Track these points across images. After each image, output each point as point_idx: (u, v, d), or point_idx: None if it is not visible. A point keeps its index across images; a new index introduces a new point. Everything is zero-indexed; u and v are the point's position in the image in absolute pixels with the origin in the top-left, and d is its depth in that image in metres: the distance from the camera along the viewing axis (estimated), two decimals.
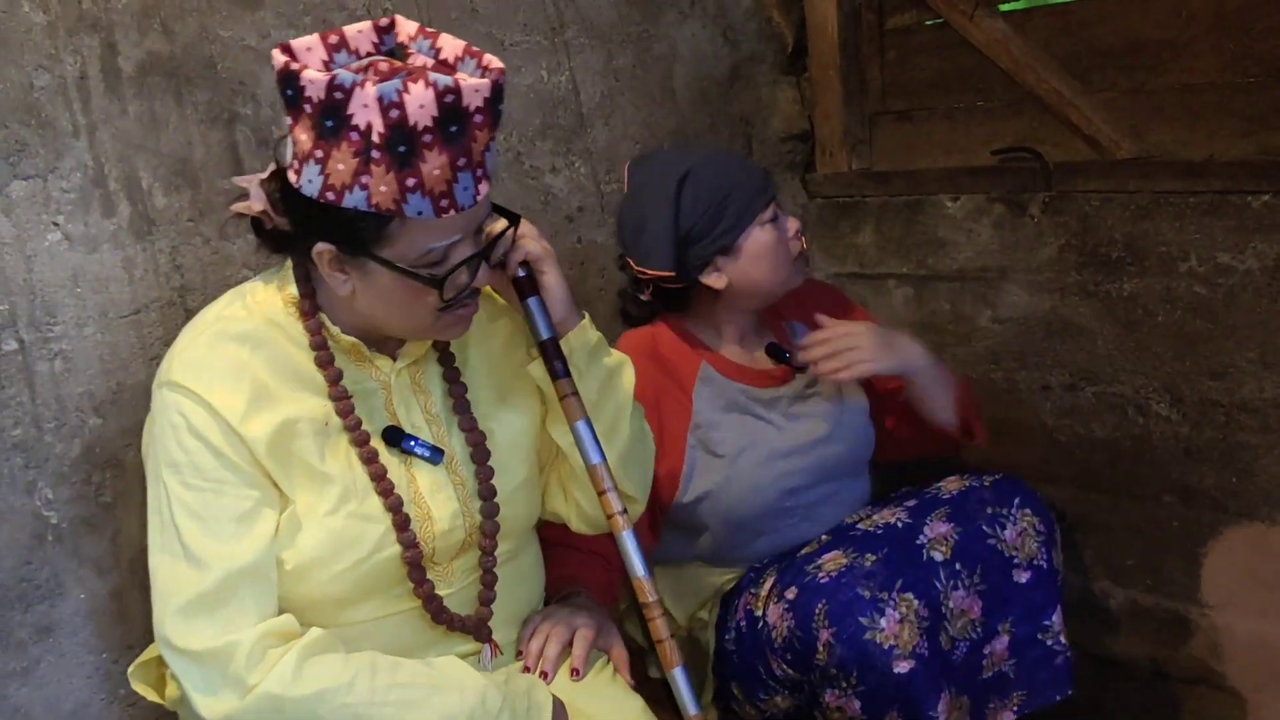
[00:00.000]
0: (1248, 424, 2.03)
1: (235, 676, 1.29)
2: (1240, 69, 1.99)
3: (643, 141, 2.30)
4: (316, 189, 1.27)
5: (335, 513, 1.39)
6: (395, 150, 1.23)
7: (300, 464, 1.38)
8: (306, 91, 1.23)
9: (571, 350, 1.51)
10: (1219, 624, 2.14)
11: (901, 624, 1.66)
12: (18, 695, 1.62)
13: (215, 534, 1.32)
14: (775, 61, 2.54)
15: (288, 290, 1.43)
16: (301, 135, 1.27)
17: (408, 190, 1.25)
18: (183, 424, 1.34)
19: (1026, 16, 2.27)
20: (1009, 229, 2.28)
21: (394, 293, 1.35)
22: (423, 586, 1.45)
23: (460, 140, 1.26)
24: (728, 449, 1.89)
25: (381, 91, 1.21)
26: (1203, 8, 2.02)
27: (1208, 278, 2.02)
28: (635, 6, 2.27)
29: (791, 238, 1.91)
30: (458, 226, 1.32)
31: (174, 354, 1.39)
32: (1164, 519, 2.18)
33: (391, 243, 1.30)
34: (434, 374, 1.52)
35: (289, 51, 1.27)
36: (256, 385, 1.36)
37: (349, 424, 1.41)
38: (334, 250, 1.33)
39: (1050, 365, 2.27)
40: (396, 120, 1.22)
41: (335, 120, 1.23)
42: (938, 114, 2.43)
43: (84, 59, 1.61)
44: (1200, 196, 2.01)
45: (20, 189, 1.56)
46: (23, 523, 1.60)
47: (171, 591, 1.32)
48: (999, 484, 1.85)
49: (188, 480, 1.33)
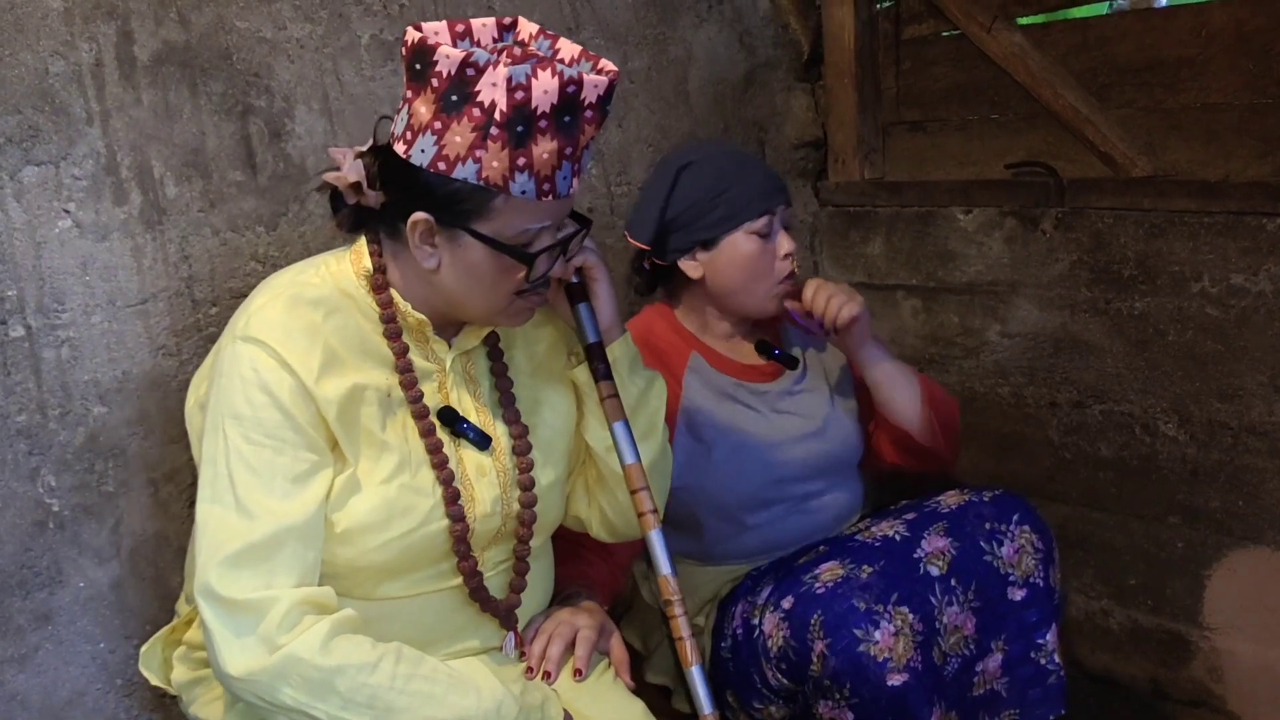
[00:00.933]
0: (1256, 447, 2.02)
1: (266, 633, 1.29)
2: (1259, 90, 1.98)
3: (655, 144, 2.30)
4: (428, 159, 1.32)
5: (390, 481, 1.41)
6: (513, 129, 1.28)
7: (365, 430, 1.41)
8: (438, 66, 1.29)
9: (615, 359, 1.56)
10: (1221, 647, 2.14)
11: (896, 637, 1.65)
12: (15, 682, 1.61)
13: (269, 489, 1.34)
14: (790, 68, 2.54)
15: (362, 264, 1.45)
16: (421, 108, 1.32)
17: (517, 169, 1.31)
18: (254, 378, 1.35)
19: (1044, 31, 2.26)
20: (1021, 244, 2.27)
21: (482, 268, 1.38)
22: (466, 561, 1.47)
23: (571, 131, 1.32)
24: (713, 435, 1.90)
25: (512, 73, 1.27)
26: (1223, 27, 2.01)
27: (1220, 299, 2.01)
28: (652, 9, 2.26)
29: (780, 257, 1.88)
30: (550, 212, 1.38)
31: (250, 311, 1.40)
32: (1168, 540, 2.17)
33: (490, 218, 1.35)
34: (483, 366, 1.55)
35: (421, 29, 1.32)
36: (328, 350, 1.39)
37: (411, 397, 1.44)
38: (430, 221, 1.36)
39: (1058, 382, 2.26)
40: (520, 101, 1.27)
41: (461, 95, 1.29)
42: (952, 126, 2.42)
43: (99, 46, 1.60)
44: (1215, 217, 2.00)
45: (32, 175, 1.56)
46: (25, 509, 1.60)
47: (220, 540, 1.32)
48: (999, 500, 1.84)
49: (249, 434, 1.34)
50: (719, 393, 1.93)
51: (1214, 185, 2.01)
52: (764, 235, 1.86)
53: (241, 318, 1.40)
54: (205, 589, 1.32)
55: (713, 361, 1.95)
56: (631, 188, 2.27)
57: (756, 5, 2.46)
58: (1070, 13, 2.32)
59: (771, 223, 1.87)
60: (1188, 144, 2.08)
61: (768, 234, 1.86)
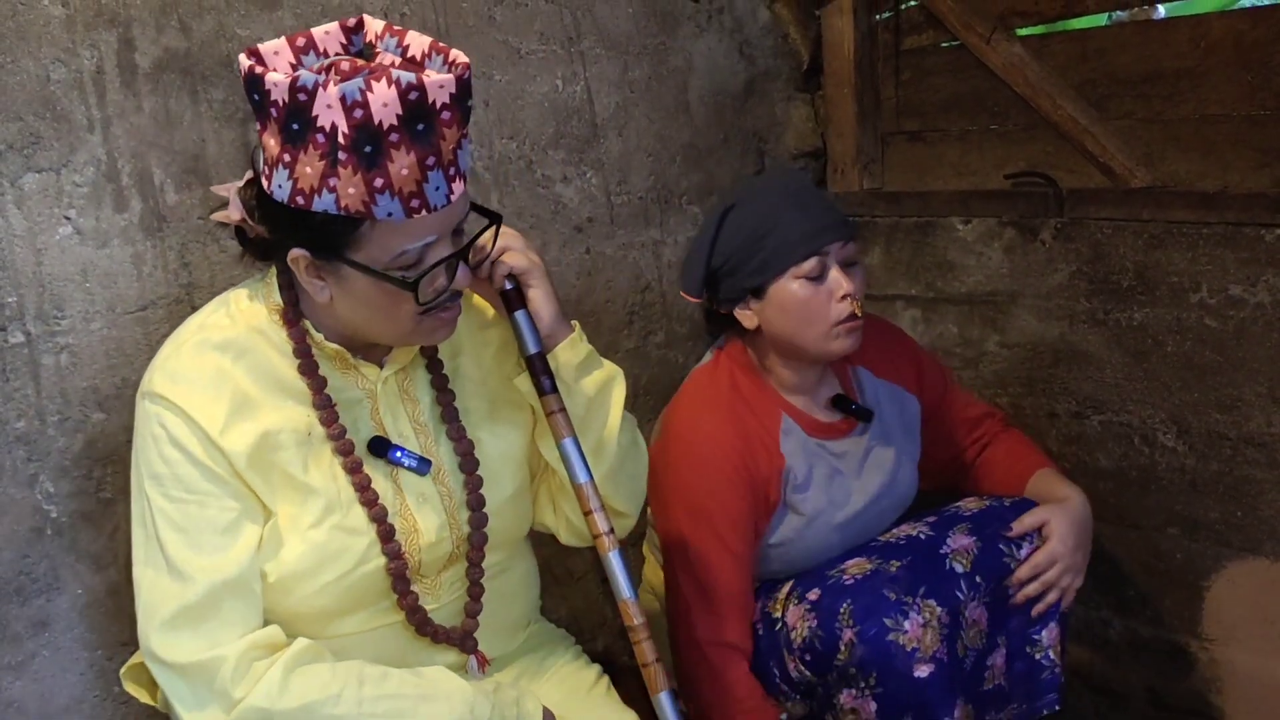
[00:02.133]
0: (1254, 458, 2.02)
1: (221, 690, 1.28)
2: (1258, 101, 1.98)
3: (655, 153, 2.30)
4: (286, 194, 1.25)
5: (319, 525, 1.37)
6: (361, 151, 1.20)
7: (282, 476, 1.37)
8: (271, 95, 1.21)
9: (559, 365, 1.46)
10: (1219, 658, 2.13)
11: (924, 628, 1.67)
12: (11, 689, 1.61)
13: (198, 546, 1.31)
14: (790, 78, 2.54)
15: (272, 298, 1.40)
16: (270, 140, 1.25)
17: (376, 192, 1.22)
18: (164, 435, 1.32)
19: (1044, 42, 2.27)
20: (1020, 254, 2.27)
21: (371, 297, 1.32)
22: (406, 599, 1.43)
23: (428, 138, 1.23)
24: (809, 508, 1.85)
25: (344, 91, 1.18)
26: (1222, 38, 2.01)
27: (1219, 310, 2.02)
28: (652, 19, 2.27)
29: (838, 299, 1.77)
30: (431, 227, 1.29)
31: (155, 364, 1.37)
32: (1167, 551, 2.17)
33: (363, 246, 1.28)
34: (422, 382, 1.49)
35: (255, 55, 1.25)
36: (238, 395, 1.34)
37: (332, 434, 1.39)
38: (309, 256, 1.30)
39: (1057, 392, 2.26)
40: (361, 120, 1.19)
41: (300, 123, 1.21)
42: (951, 136, 2.43)
43: (101, 53, 1.61)
44: (1213, 228, 2.00)
45: (33, 181, 1.56)
46: (22, 515, 1.59)
47: (156, 604, 1.31)
48: (1019, 504, 1.86)
49: (170, 492, 1.32)
50: (809, 455, 1.87)
51: (1212, 196, 2.01)
52: (814, 278, 1.76)
53: (149, 373, 1.37)
54: (150, 655, 1.31)
55: (802, 424, 1.88)
56: (631, 197, 2.27)
57: (756, 15, 2.46)
58: (1069, 24, 2.33)
59: (822, 264, 1.76)
60: (1186, 155, 2.08)
61: (818, 276, 1.77)
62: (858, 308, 1.78)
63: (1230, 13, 2.30)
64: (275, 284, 1.40)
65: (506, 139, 2.07)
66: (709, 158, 2.40)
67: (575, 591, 2.25)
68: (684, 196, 2.36)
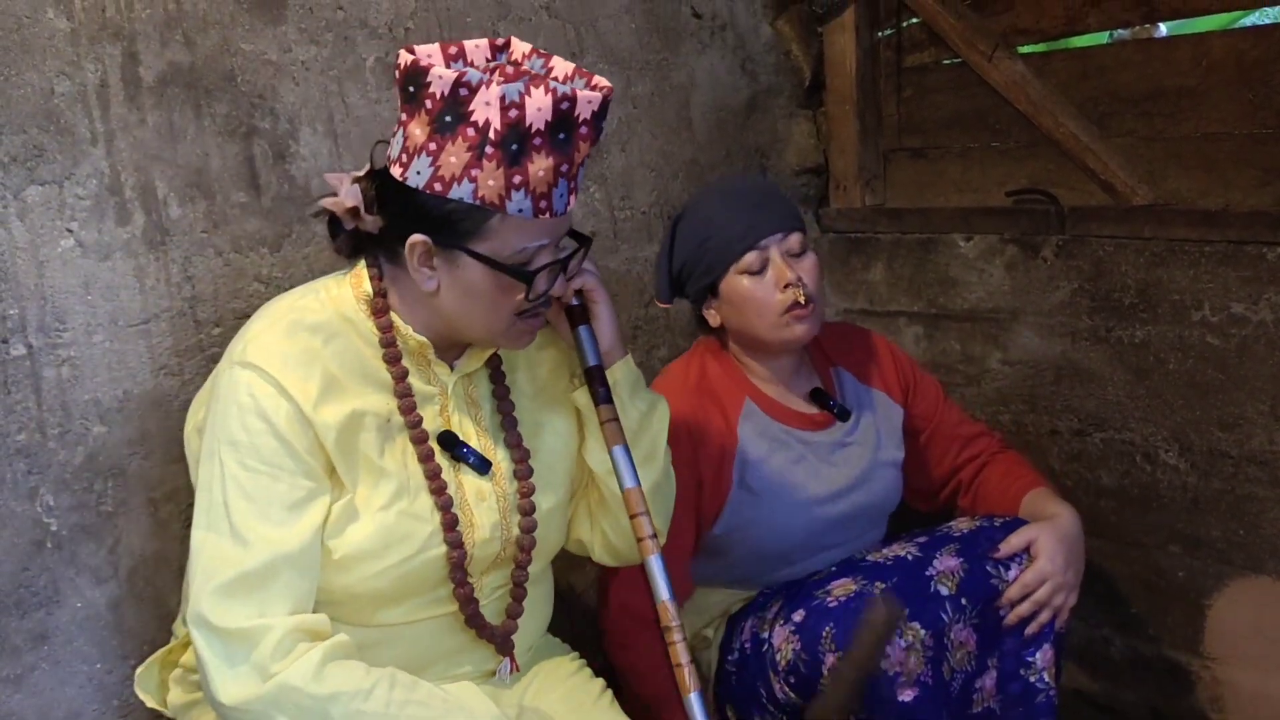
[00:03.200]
0: (1256, 476, 2.02)
1: (259, 661, 1.28)
2: (1259, 120, 1.99)
3: (658, 169, 2.31)
4: (424, 180, 1.32)
5: (388, 508, 1.40)
6: (508, 148, 1.29)
7: (362, 456, 1.40)
8: (431, 87, 1.29)
9: (616, 381, 1.54)
10: (1221, 676, 2.13)
11: (908, 652, 1.66)
12: (11, 702, 1.60)
13: (265, 517, 1.33)
14: (792, 94, 2.55)
15: (362, 288, 1.45)
16: (415, 129, 1.32)
17: (513, 187, 1.31)
18: (251, 404, 1.34)
19: (1045, 60, 2.28)
20: (1021, 271, 2.27)
21: (481, 289, 1.38)
22: (463, 588, 1.46)
23: (566, 148, 1.32)
24: (762, 486, 1.89)
25: (505, 91, 1.27)
26: (1223, 57, 2.02)
27: (1221, 328, 2.02)
28: (655, 35, 2.27)
29: (781, 289, 1.82)
30: (547, 231, 1.37)
31: (249, 336, 1.40)
32: (1169, 569, 2.16)
33: (488, 238, 1.34)
34: (485, 389, 1.54)
35: (413, 52, 1.33)
36: (327, 376, 1.38)
37: (410, 422, 1.44)
38: (428, 243, 1.35)
39: (1059, 410, 2.26)
40: (514, 119, 1.27)
41: (455, 115, 1.29)
42: (953, 153, 2.43)
43: (105, 67, 1.61)
44: (1215, 246, 2.01)
45: (36, 194, 1.56)
46: (23, 529, 1.59)
47: (214, 568, 1.32)
48: (1009, 525, 1.84)
49: (245, 461, 1.34)
50: (771, 440, 1.92)
51: (1214, 214, 2.01)
52: (756, 271, 1.83)
53: (239, 343, 1.40)
54: (198, 617, 1.31)
55: (765, 407, 1.93)
56: (634, 211, 2.27)
57: (759, 32, 2.47)
58: (1071, 42, 2.33)
59: (762, 257, 1.83)
60: (1188, 173, 2.08)
61: (760, 269, 1.83)
62: (800, 295, 1.82)
63: (1231, 32, 2.31)
64: (365, 275, 1.45)
65: None
66: (711, 173, 2.40)
67: (577, 607, 2.24)
68: None
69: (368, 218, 1.41)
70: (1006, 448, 2.08)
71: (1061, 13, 2.20)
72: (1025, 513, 1.91)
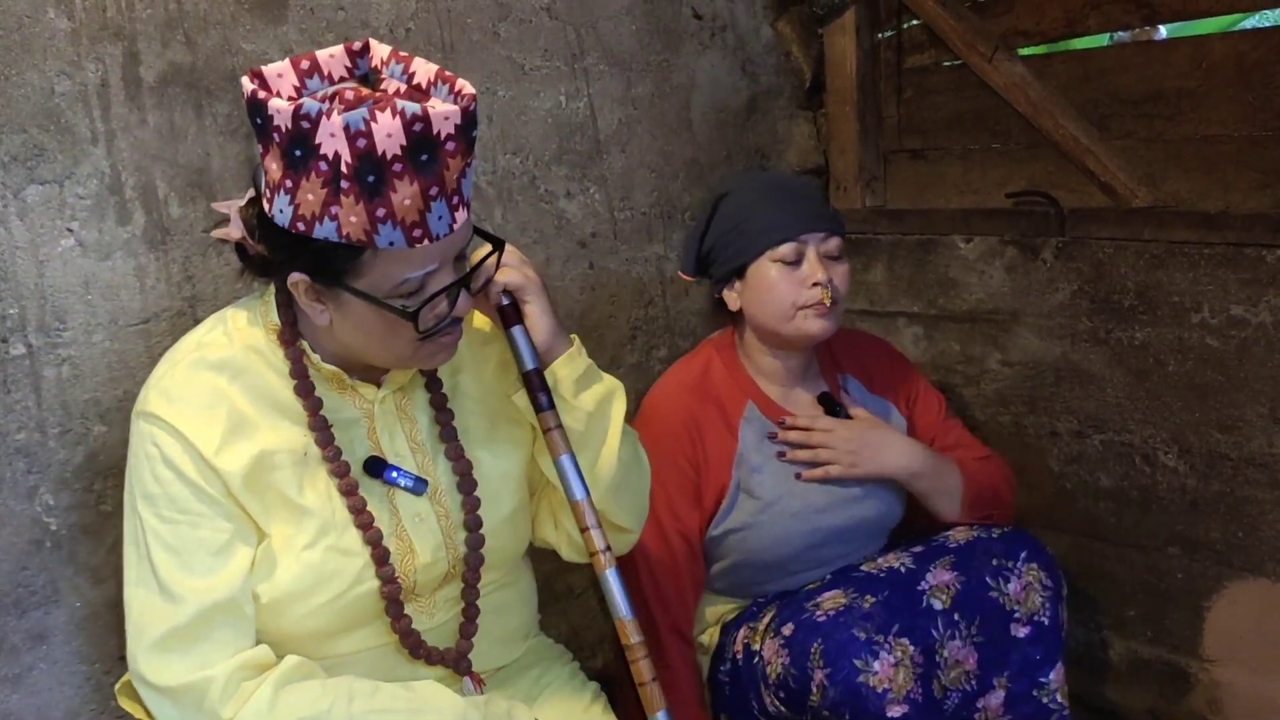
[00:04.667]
0: (1255, 479, 2.02)
1: (210, 711, 1.27)
2: (1259, 122, 1.99)
3: (658, 170, 2.31)
4: (288, 219, 1.25)
5: (313, 546, 1.36)
6: (364, 180, 1.19)
7: (277, 496, 1.36)
8: (274, 120, 1.20)
9: (557, 380, 1.45)
10: (1220, 679, 2.13)
11: (896, 668, 1.65)
12: (8, 702, 1.60)
13: (190, 567, 1.30)
14: (793, 95, 2.55)
15: (270, 318, 1.40)
16: (272, 164, 1.24)
17: (378, 221, 1.22)
18: (157, 455, 1.32)
19: (1046, 61, 2.28)
20: (1021, 272, 2.27)
21: (371, 323, 1.32)
22: (400, 622, 1.42)
23: (432, 169, 1.22)
24: (765, 493, 1.88)
25: (348, 120, 1.17)
26: (1223, 59, 2.02)
27: (1220, 330, 2.02)
28: (656, 36, 2.27)
29: (809, 286, 1.83)
30: (433, 255, 1.28)
31: (151, 383, 1.37)
32: (1168, 571, 2.16)
33: (365, 273, 1.27)
34: (421, 401, 1.48)
35: (259, 78, 1.24)
36: (234, 415, 1.34)
37: (328, 455, 1.38)
38: (308, 280, 1.30)
39: (1059, 411, 2.26)
40: (364, 150, 1.18)
41: (303, 150, 1.20)
42: (953, 154, 2.43)
43: (106, 67, 1.61)
44: (1215, 248, 2.01)
45: (36, 194, 1.56)
46: (22, 528, 1.59)
47: (145, 626, 1.30)
48: (1008, 536, 1.83)
49: (162, 512, 1.31)
50: (773, 445, 1.91)
51: (1214, 216, 2.01)
52: (791, 263, 1.83)
53: (144, 391, 1.37)
54: (139, 678, 1.30)
55: (767, 411, 1.93)
56: (634, 212, 2.27)
57: (759, 33, 2.47)
58: (1071, 44, 2.33)
59: (799, 250, 1.83)
60: (1188, 175, 2.08)
61: (795, 261, 1.83)
62: (827, 298, 1.83)
63: (1231, 34, 2.31)
64: (273, 303, 1.40)
65: (510, 154, 2.07)
66: (711, 174, 2.40)
67: (575, 607, 2.24)
68: (687, 212, 2.36)
69: (256, 246, 1.36)
70: (1006, 467, 2.05)
71: (1061, 15, 2.20)
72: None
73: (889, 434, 1.93)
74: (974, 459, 2.00)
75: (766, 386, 1.94)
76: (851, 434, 1.89)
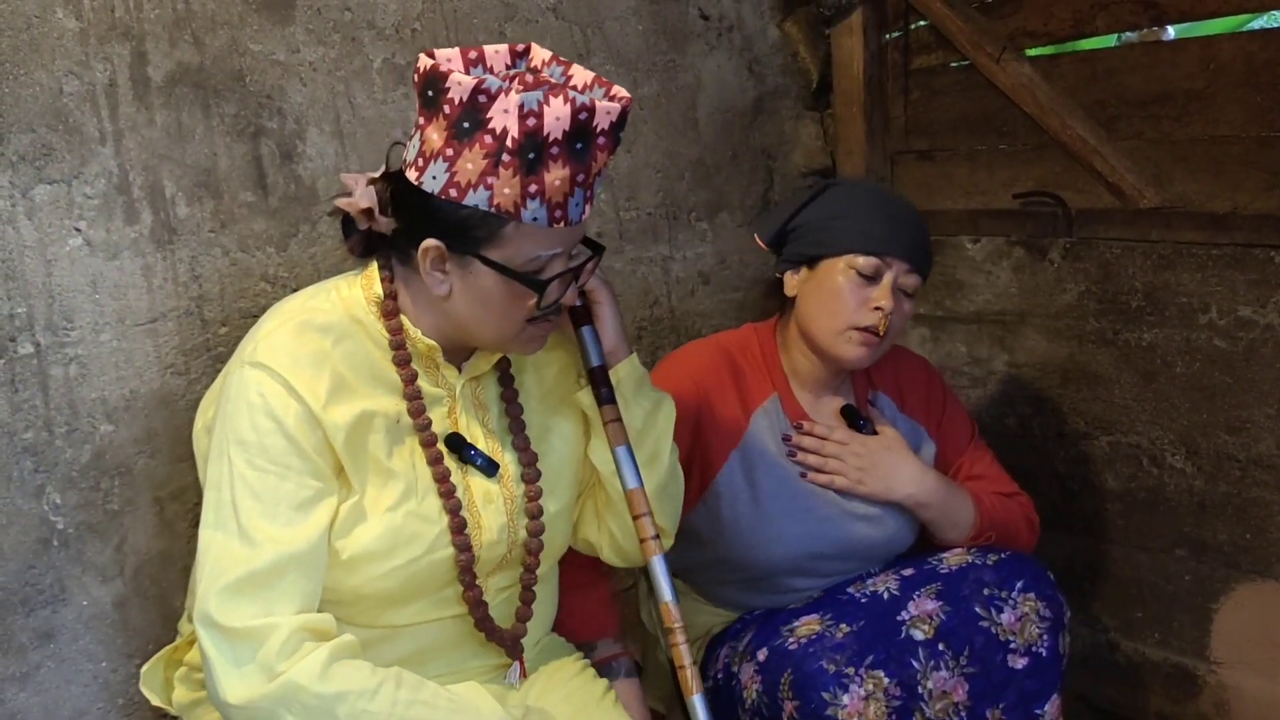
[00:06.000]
0: (1263, 480, 2.01)
1: (265, 660, 1.28)
2: (1267, 123, 1.98)
3: (664, 170, 2.31)
4: (440, 185, 1.32)
5: (396, 509, 1.40)
6: (525, 156, 1.28)
7: (370, 457, 1.40)
8: (450, 93, 1.29)
9: (619, 380, 1.55)
10: (1227, 681, 2.12)
11: (866, 701, 1.61)
12: (16, 700, 1.61)
13: (272, 516, 1.32)
14: (799, 96, 2.55)
15: (372, 290, 1.45)
16: (433, 134, 1.32)
17: (529, 196, 1.31)
18: (260, 404, 1.34)
19: (1053, 62, 2.27)
20: (1028, 273, 2.27)
21: (493, 295, 1.38)
22: (471, 590, 1.47)
23: (583, 157, 1.32)
24: (766, 486, 1.84)
25: (524, 99, 1.27)
26: (1231, 60, 2.02)
27: (1228, 331, 2.01)
28: (662, 37, 2.27)
29: (871, 308, 1.77)
30: (562, 239, 1.37)
31: (259, 336, 1.40)
32: (1175, 573, 2.16)
33: (501, 245, 1.34)
34: (493, 392, 1.54)
35: (433, 56, 1.33)
36: (336, 376, 1.38)
37: (420, 424, 1.44)
38: (441, 248, 1.35)
39: (1065, 412, 2.26)
40: (532, 129, 1.27)
41: (472, 122, 1.29)
42: (960, 155, 2.43)
43: (114, 67, 1.61)
44: (1222, 249, 2.00)
45: (44, 193, 1.57)
46: (29, 526, 1.59)
47: (222, 567, 1.31)
48: (1002, 564, 1.75)
49: (254, 460, 1.33)
50: (785, 440, 1.87)
51: (1222, 217, 2.01)
52: (866, 276, 1.77)
53: (249, 343, 1.40)
54: (204, 617, 1.30)
55: (789, 410, 1.88)
56: (640, 212, 2.27)
57: (766, 34, 2.47)
58: (1079, 44, 2.33)
59: (879, 269, 1.77)
60: (1195, 176, 2.08)
61: (871, 277, 1.77)
62: (883, 326, 1.76)
63: (1240, 34, 2.30)
64: (376, 277, 1.45)
65: None
66: (717, 175, 2.40)
67: None
68: (693, 213, 2.36)
69: (382, 220, 1.41)
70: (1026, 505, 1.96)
71: (1069, 15, 2.20)
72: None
73: (902, 458, 1.86)
74: (995, 493, 1.92)
75: (796, 387, 1.90)
76: (864, 451, 1.85)
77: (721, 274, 2.42)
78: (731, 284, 2.44)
